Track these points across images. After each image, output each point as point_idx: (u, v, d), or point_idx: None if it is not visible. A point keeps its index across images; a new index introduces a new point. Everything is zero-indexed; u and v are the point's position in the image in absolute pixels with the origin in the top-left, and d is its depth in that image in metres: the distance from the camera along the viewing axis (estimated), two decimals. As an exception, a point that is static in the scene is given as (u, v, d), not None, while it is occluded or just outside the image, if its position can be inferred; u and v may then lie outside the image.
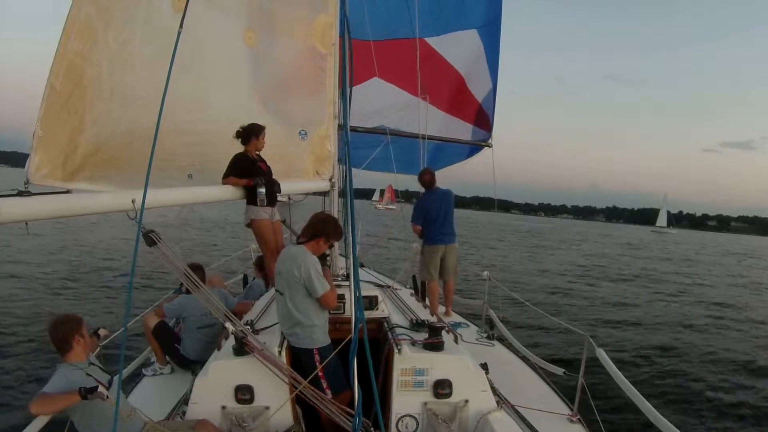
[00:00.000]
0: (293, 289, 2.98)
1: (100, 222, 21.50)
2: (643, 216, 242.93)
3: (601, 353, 3.39)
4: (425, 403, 2.99)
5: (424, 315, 3.95)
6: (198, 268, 3.97)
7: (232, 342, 3.02)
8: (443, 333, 3.26)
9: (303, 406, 3.06)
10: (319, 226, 3.17)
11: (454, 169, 7.83)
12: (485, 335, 5.16)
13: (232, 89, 3.99)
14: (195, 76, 3.48)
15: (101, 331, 3.26)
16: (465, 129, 7.58)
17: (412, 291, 5.68)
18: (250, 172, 4.03)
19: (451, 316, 5.76)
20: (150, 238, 2.69)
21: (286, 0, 4.22)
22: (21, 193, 2.17)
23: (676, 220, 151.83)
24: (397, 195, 8.23)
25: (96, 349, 3.18)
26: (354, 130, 6.62)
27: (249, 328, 3.17)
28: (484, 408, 3.00)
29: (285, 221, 5.13)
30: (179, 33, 2.31)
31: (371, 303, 3.75)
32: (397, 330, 3.36)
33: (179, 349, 4.15)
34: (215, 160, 3.87)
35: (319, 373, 2.95)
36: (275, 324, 3.32)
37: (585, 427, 3.35)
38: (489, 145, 7.56)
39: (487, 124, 7.57)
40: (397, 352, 3.02)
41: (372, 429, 2.73)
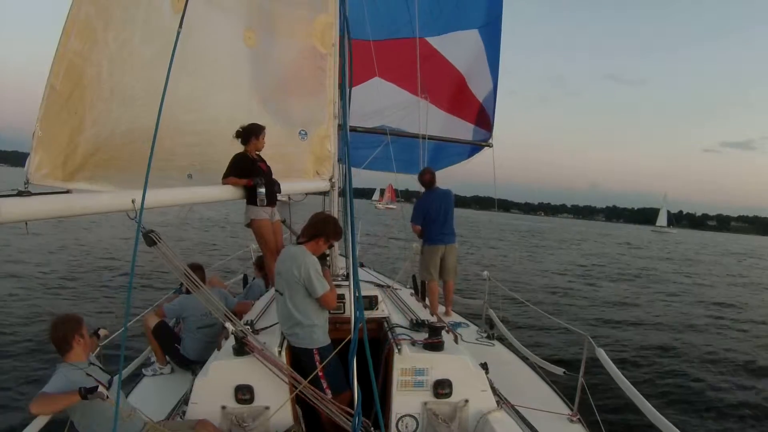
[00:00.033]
0: (293, 289, 2.98)
1: (100, 222, 21.50)
2: (643, 216, 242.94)
3: (601, 353, 3.38)
4: (425, 403, 2.99)
5: (424, 315, 3.96)
6: (198, 268, 3.98)
7: (232, 342, 3.02)
8: (443, 333, 3.26)
9: (303, 406, 3.06)
10: (319, 226, 3.17)
11: (454, 169, 7.84)
12: (485, 335, 5.16)
13: (232, 89, 3.99)
14: (195, 76, 3.48)
15: (101, 332, 3.26)
16: (466, 129, 7.57)
17: (412, 291, 5.68)
18: (250, 172, 4.03)
19: (451, 316, 5.76)
20: (150, 238, 2.69)
21: (286, 0, 4.22)
22: (21, 193, 2.16)
23: (676, 220, 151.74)
24: (397, 194, 8.22)
25: (96, 349, 3.18)
26: (354, 130, 6.62)
27: (249, 328, 3.17)
28: (484, 408, 3.00)
29: (285, 221, 5.13)
30: (178, 33, 2.31)
31: (371, 303, 3.75)
32: (397, 330, 3.36)
33: (179, 349, 4.15)
34: (215, 160, 3.87)
35: (319, 373, 2.95)
36: (275, 324, 3.32)
37: (585, 427, 3.34)
38: (489, 145, 7.56)
39: (487, 123, 7.57)
40: (397, 352, 3.02)
41: (372, 429, 2.73)
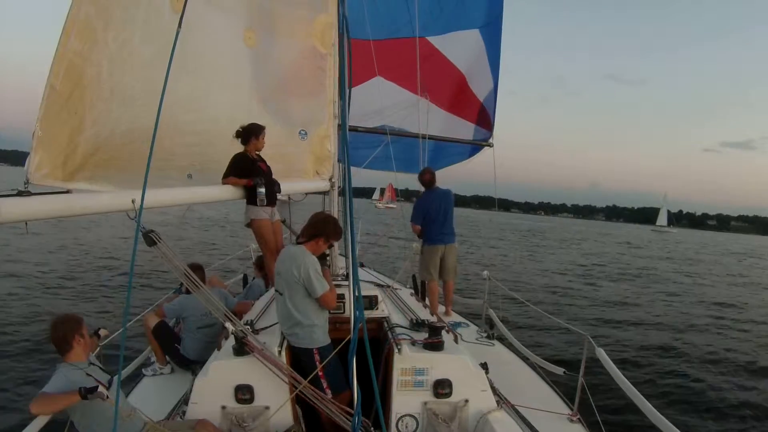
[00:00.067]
0: (293, 289, 2.98)
1: (100, 221, 21.49)
2: (643, 215, 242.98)
3: (601, 353, 3.38)
4: (425, 403, 2.99)
5: (424, 315, 3.96)
6: (198, 268, 3.98)
7: (232, 342, 3.02)
8: (443, 333, 3.26)
9: (303, 406, 3.06)
10: (319, 226, 3.16)
11: (454, 168, 7.84)
12: (485, 335, 5.16)
13: (232, 89, 3.99)
14: (194, 76, 3.48)
15: (102, 332, 3.26)
16: (467, 128, 7.57)
17: (412, 291, 5.68)
18: (250, 172, 4.03)
19: (451, 316, 5.76)
20: (150, 238, 2.69)
21: (286, 0, 4.22)
22: (21, 193, 2.16)
23: (676, 220, 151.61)
24: (397, 194, 8.22)
25: (96, 349, 3.18)
26: (354, 129, 6.62)
27: (249, 328, 3.17)
28: (484, 408, 3.00)
29: (285, 221, 5.13)
30: (178, 32, 2.31)
31: (371, 303, 3.75)
32: (397, 330, 3.36)
33: (179, 349, 4.15)
34: (215, 160, 3.86)
35: (319, 372, 2.95)
36: (275, 324, 3.32)
37: (585, 427, 3.35)
38: (490, 145, 7.55)
39: (488, 123, 7.57)
40: (397, 351, 3.02)
41: (372, 429, 2.74)
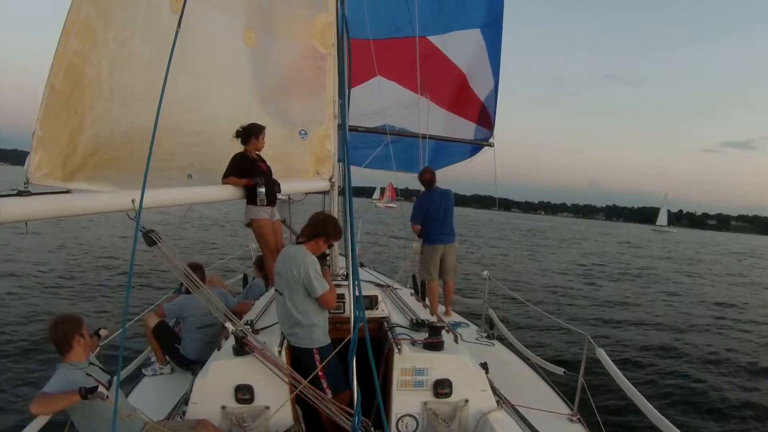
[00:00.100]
0: (292, 289, 2.98)
1: (100, 221, 21.48)
2: (643, 215, 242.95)
3: (601, 353, 3.38)
4: (425, 403, 2.99)
5: (424, 315, 3.96)
6: (198, 268, 3.98)
7: (232, 342, 3.02)
8: (443, 333, 3.27)
9: (303, 406, 3.06)
10: (319, 226, 3.16)
11: (454, 168, 7.84)
12: (485, 335, 5.16)
13: (232, 89, 3.99)
14: (194, 76, 3.48)
15: (102, 332, 3.26)
16: (468, 127, 7.57)
17: (412, 291, 5.67)
18: (250, 171, 4.03)
19: (451, 316, 5.76)
20: (150, 238, 2.68)
21: (285, 0, 4.22)
22: (21, 193, 2.17)
23: (677, 219, 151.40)
24: (397, 193, 8.22)
25: (96, 349, 3.18)
26: (354, 129, 6.61)
27: (249, 327, 3.17)
28: (484, 408, 3.00)
29: (285, 221, 5.13)
30: (177, 32, 2.31)
31: (371, 303, 3.75)
32: (397, 330, 3.36)
33: (179, 349, 4.15)
34: (215, 160, 3.86)
35: (319, 372, 2.95)
36: (275, 324, 3.32)
37: (585, 427, 3.35)
38: (491, 145, 7.55)
39: (489, 122, 7.57)
40: (397, 351, 3.02)
41: (372, 429, 2.74)
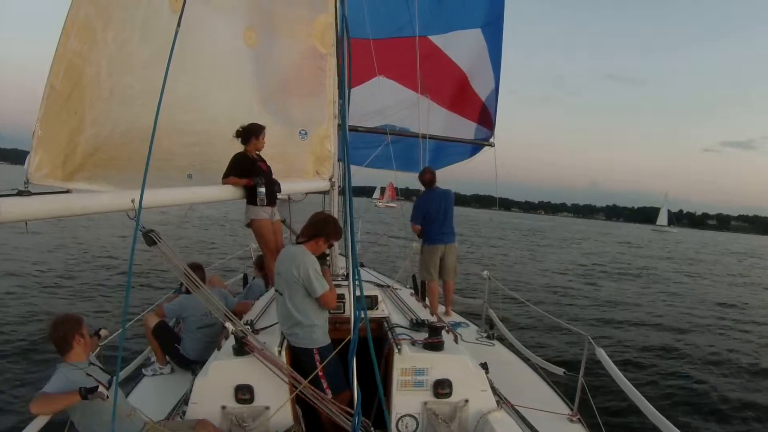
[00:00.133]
0: (292, 289, 2.98)
1: (100, 220, 21.46)
2: (643, 215, 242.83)
3: (601, 353, 3.38)
4: (425, 403, 2.99)
5: (424, 315, 3.95)
6: (198, 268, 3.98)
7: (232, 342, 3.02)
8: (443, 333, 3.26)
9: (303, 406, 3.06)
10: (319, 226, 3.16)
11: (455, 168, 7.84)
12: (485, 335, 5.15)
13: (232, 89, 3.99)
14: (193, 76, 3.48)
15: (102, 332, 3.26)
16: (469, 127, 7.56)
17: (412, 291, 5.67)
18: (250, 171, 4.03)
19: (451, 316, 5.76)
20: (150, 238, 2.68)
21: (286, 0, 4.21)
22: (21, 193, 2.17)
23: (677, 219, 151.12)
24: (397, 193, 8.21)
25: (96, 349, 3.18)
26: (355, 129, 6.61)
27: (249, 327, 3.17)
28: (484, 408, 3.00)
29: (285, 221, 5.12)
30: (176, 32, 2.30)
31: (371, 303, 3.74)
32: (397, 330, 3.36)
33: (179, 349, 4.15)
34: (215, 160, 3.86)
35: (319, 372, 2.95)
36: (275, 324, 3.32)
37: (585, 427, 3.35)
38: (491, 145, 7.54)
39: (489, 122, 7.57)
40: (397, 351, 3.02)
41: (372, 429, 2.74)
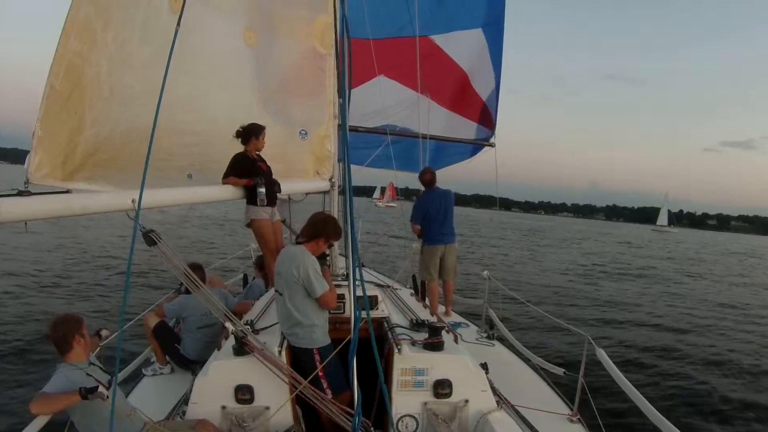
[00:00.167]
0: (292, 290, 2.98)
1: (100, 220, 21.44)
2: (643, 215, 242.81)
3: (601, 353, 3.38)
4: (425, 403, 2.99)
5: (424, 315, 3.96)
6: (198, 268, 3.98)
7: (232, 342, 3.02)
8: (443, 333, 3.26)
9: (303, 406, 3.06)
10: (319, 226, 3.16)
11: (455, 168, 7.83)
12: (485, 335, 5.16)
13: (232, 89, 3.99)
14: (193, 76, 3.48)
15: (103, 332, 3.26)
16: (469, 127, 7.56)
17: (412, 291, 5.68)
18: (250, 172, 4.03)
19: (451, 316, 5.76)
20: (150, 238, 2.67)
21: (285, 0, 4.22)
22: (21, 193, 2.17)
23: (677, 219, 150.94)
24: (397, 193, 8.21)
25: (96, 349, 3.18)
26: (355, 129, 6.61)
27: (249, 328, 3.17)
28: (484, 408, 3.00)
29: (285, 221, 5.12)
30: (176, 32, 2.30)
31: (371, 303, 3.74)
32: (397, 330, 3.36)
33: (179, 349, 4.15)
34: (215, 160, 3.86)
35: (319, 373, 2.95)
36: (275, 324, 3.32)
37: (585, 427, 3.35)
38: (492, 145, 7.54)
39: (490, 122, 7.56)
40: (397, 351, 3.02)
41: (372, 429, 2.74)
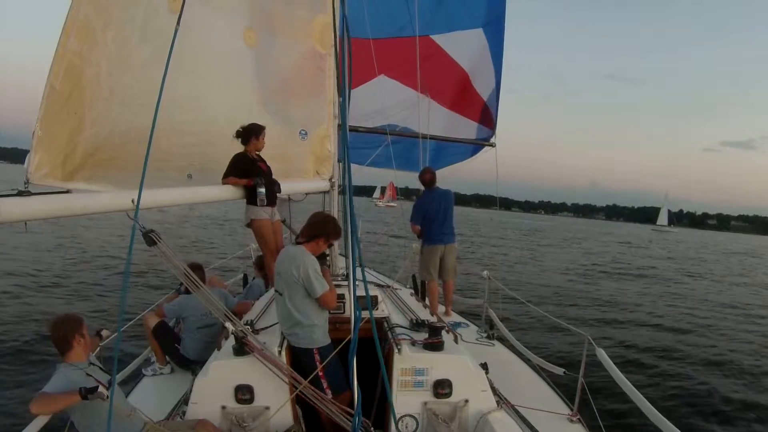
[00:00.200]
0: (292, 290, 2.98)
1: (100, 220, 21.44)
2: (643, 214, 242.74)
3: (601, 353, 3.38)
4: (425, 403, 2.99)
5: (424, 315, 3.95)
6: (198, 268, 3.98)
7: (232, 342, 3.02)
8: (443, 333, 3.26)
9: (303, 406, 3.06)
10: (318, 226, 3.16)
11: (455, 167, 7.82)
12: (485, 335, 5.16)
13: (232, 89, 3.99)
14: (192, 76, 3.48)
15: (104, 332, 3.26)
16: (470, 126, 7.56)
17: (412, 291, 5.67)
18: (250, 172, 4.03)
19: (450, 316, 5.76)
20: (150, 238, 2.67)
21: (285, 0, 4.22)
22: (21, 193, 2.17)
23: (677, 219, 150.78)
24: (397, 192, 8.21)
25: (96, 349, 3.18)
26: (355, 130, 6.60)
27: (249, 328, 3.17)
28: (484, 408, 3.00)
29: (285, 221, 5.12)
30: (175, 32, 2.30)
31: (371, 303, 3.74)
32: (397, 330, 3.36)
33: (179, 349, 4.15)
34: (215, 160, 3.86)
35: (319, 373, 2.95)
36: (275, 324, 3.32)
37: (585, 427, 3.35)
38: (492, 145, 7.54)
39: (490, 121, 7.56)
40: (397, 351, 3.02)
41: (372, 429, 2.74)
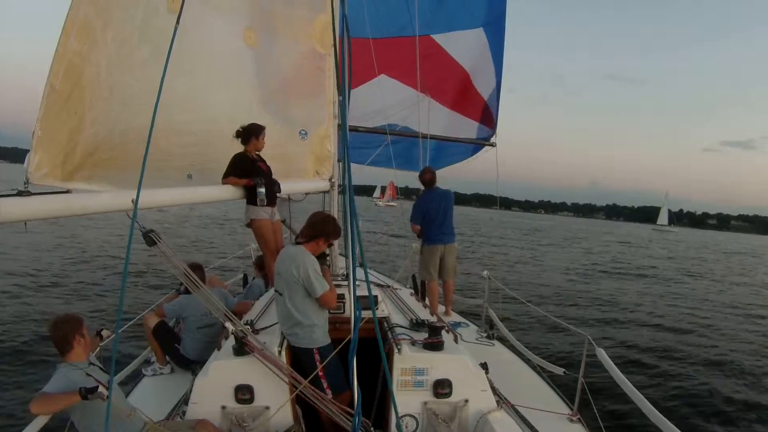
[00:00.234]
0: (292, 290, 2.98)
1: (100, 219, 21.44)
2: (643, 214, 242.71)
3: (601, 353, 3.38)
4: (425, 403, 2.99)
5: (424, 315, 3.95)
6: (198, 268, 3.98)
7: (232, 342, 3.02)
8: (443, 333, 3.26)
9: (303, 406, 3.06)
10: (318, 226, 3.16)
11: (455, 167, 7.84)
12: (485, 335, 5.16)
13: (232, 89, 3.98)
14: (192, 76, 3.47)
15: (104, 332, 3.26)
16: (470, 126, 7.56)
17: (412, 291, 5.67)
18: (250, 172, 4.03)
19: (450, 316, 5.76)
20: (150, 238, 2.67)
21: (285, 0, 4.21)
22: (21, 193, 2.17)
23: (677, 219, 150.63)
24: (397, 192, 8.21)
25: (96, 349, 3.18)
26: (355, 129, 6.61)
27: (249, 327, 3.17)
28: (484, 408, 3.00)
29: (285, 221, 5.12)
30: (175, 31, 2.30)
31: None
32: (397, 330, 3.36)
33: (179, 349, 4.15)
34: (215, 160, 3.86)
35: (319, 372, 2.95)
36: (275, 324, 3.32)
37: (585, 427, 3.35)
38: (493, 145, 7.54)
39: (491, 121, 7.57)
40: (397, 351, 3.02)
41: (372, 429, 2.74)
